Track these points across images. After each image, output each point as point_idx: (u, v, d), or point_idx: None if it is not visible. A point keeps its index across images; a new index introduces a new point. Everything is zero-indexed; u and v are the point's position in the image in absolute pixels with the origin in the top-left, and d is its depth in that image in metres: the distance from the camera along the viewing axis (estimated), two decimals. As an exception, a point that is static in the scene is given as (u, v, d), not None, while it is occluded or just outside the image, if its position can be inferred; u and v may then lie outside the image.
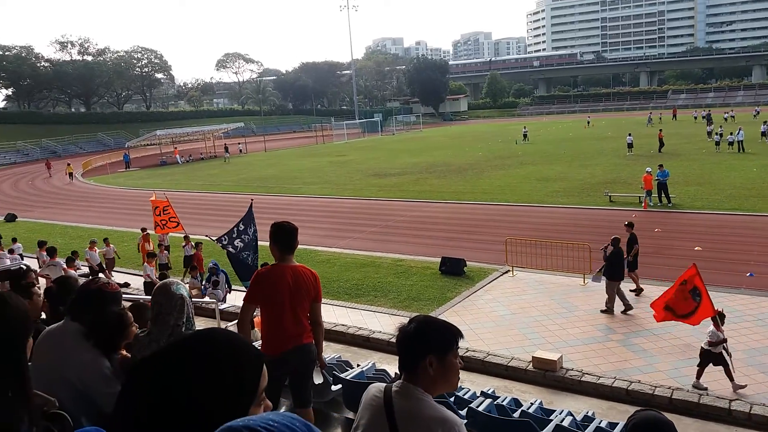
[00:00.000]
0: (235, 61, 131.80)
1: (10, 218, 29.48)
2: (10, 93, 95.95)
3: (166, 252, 17.71)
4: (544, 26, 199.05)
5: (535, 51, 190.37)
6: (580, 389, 8.36)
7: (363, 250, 19.23)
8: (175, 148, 62.51)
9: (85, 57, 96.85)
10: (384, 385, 2.49)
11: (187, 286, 3.54)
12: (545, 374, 8.60)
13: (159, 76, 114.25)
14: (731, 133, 39.30)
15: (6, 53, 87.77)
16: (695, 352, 10.81)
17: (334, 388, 6.11)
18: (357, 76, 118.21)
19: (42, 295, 4.29)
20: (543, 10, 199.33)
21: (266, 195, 32.84)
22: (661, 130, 43.58)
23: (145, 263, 15.74)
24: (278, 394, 4.87)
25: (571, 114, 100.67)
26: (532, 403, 6.81)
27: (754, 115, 61.72)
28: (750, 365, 10.16)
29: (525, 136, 54.88)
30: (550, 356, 8.78)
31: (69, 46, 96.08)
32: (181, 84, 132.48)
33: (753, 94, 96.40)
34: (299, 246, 5.05)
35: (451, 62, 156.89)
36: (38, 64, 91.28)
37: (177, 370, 1.22)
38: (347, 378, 6.23)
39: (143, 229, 19.09)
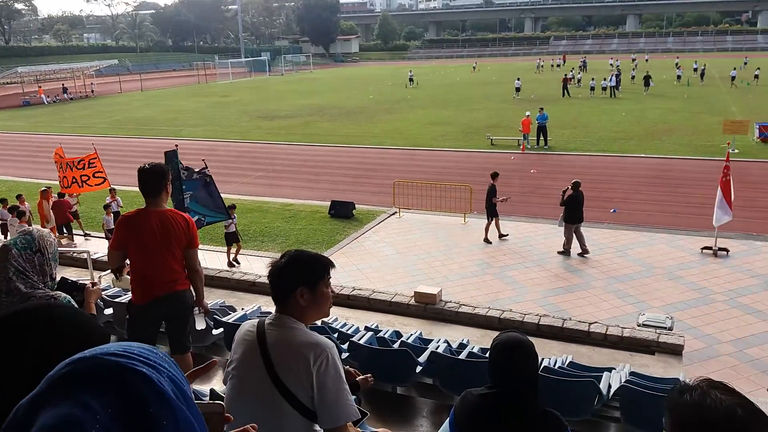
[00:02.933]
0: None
1: None
2: None
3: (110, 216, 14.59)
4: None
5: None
6: (458, 320, 8.86)
7: (250, 195, 18.85)
8: (40, 87, 56.96)
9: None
10: (257, 319, 2.49)
11: (50, 234, 2.98)
12: (426, 308, 9.01)
13: (19, 6, 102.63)
14: (604, 79, 41.82)
15: None
16: (563, 282, 11.79)
17: (215, 332, 6.05)
18: (243, 12, 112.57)
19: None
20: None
21: (142, 138, 31.01)
22: (566, 75, 45.31)
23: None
24: (152, 342, 4.75)
25: (460, 58, 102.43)
26: (412, 334, 7.13)
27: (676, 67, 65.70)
28: (608, 292, 11.23)
29: (411, 80, 55.00)
30: (430, 290, 9.19)
31: None
32: (46, 16, 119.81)
33: (626, 42, 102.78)
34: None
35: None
36: None
37: None
38: (229, 321, 6.19)
39: (46, 189, 15.20)
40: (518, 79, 43.41)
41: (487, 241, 14.04)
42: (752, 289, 11.19)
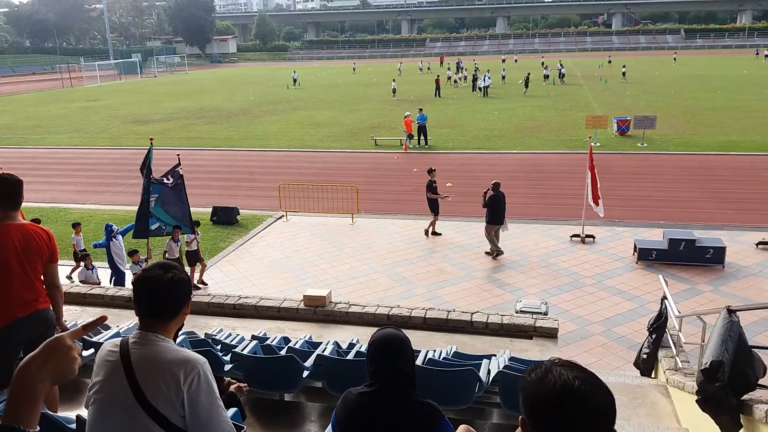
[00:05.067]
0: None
1: None
2: None
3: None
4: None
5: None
6: (348, 320, 8.88)
7: (125, 205, 17.76)
8: None
9: None
10: (119, 338, 2.33)
11: None
12: (315, 311, 8.94)
13: None
14: (482, 79, 43.58)
15: None
16: (447, 276, 12.18)
17: (85, 353, 5.62)
18: (110, 11, 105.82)
19: None
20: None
21: (1, 148, 28.34)
22: (438, 76, 46.62)
23: None
24: (11, 367, 4.32)
25: (340, 60, 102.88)
26: (300, 339, 7.05)
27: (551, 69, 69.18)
28: (489, 282, 11.77)
29: (295, 81, 54.77)
30: (319, 293, 9.13)
31: None
32: None
33: (497, 43, 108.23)
34: (49, 205, 4.48)
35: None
36: None
37: None
38: (101, 341, 5.78)
39: None
40: (394, 81, 44.41)
41: (435, 233, 14.46)
42: (616, 271, 12.20)
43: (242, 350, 5.51)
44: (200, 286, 11.93)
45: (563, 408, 1.39)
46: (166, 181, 10.90)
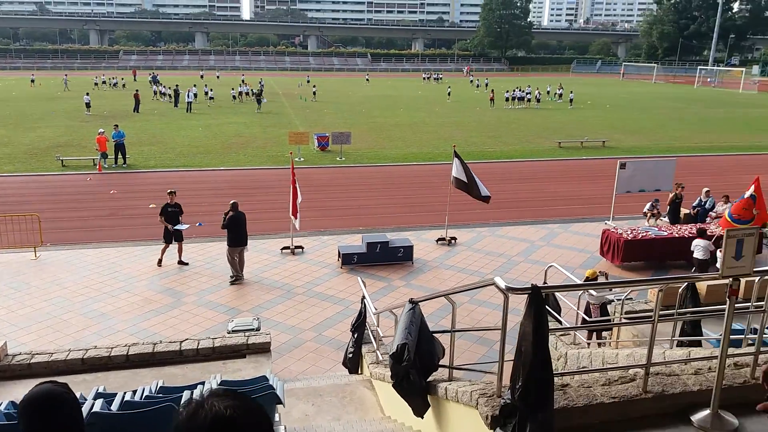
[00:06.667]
0: None
1: None
2: None
3: None
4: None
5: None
6: (32, 372, 7.62)
7: None
8: None
9: None
10: None
11: None
12: (-13, 369, 7.48)
13: None
14: (186, 94, 41.64)
15: None
16: (154, 305, 11.36)
17: None
18: None
19: None
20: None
21: None
22: (138, 91, 42.98)
23: None
24: None
25: (15, 70, 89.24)
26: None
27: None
28: (200, 305, 11.33)
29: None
30: (-8, 347, 7.66)
31: None
32: None
33: (197, 59, 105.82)
34: None
35: None
36: None
37: None
38: None
39: None
40: (87, 94, 40.27)
41: (181, 263, 13.31)
42: (324, 278, 12.84)
43: None
44: None
45: None
46: None
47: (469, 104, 49.88)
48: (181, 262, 13.34)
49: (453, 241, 15.18)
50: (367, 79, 76.54)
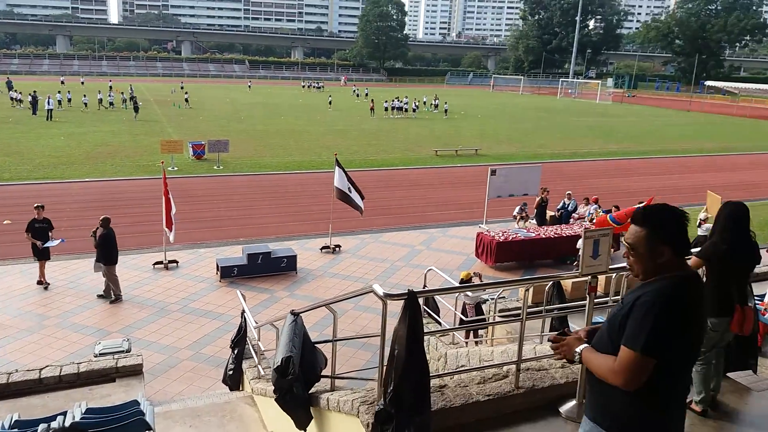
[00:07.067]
0: None
1: None
2: None
3: None
4: None
5: None
6: None
7: None
8: None
9: None
10: None
11: None
12: None
13: None
14: (46, 101, 38.30)
15: None
16: (8, 330, 10.30)
17: None
18: None
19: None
20: None
21: None
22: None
23: None
24: None
25: None
26: None
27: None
28: (63, 328, 10.43)
29: None
30: None
31: None
32: None
33: (59, 64, 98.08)
34: None
35: None
36: None
37: None
38: None
39: None
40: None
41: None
42: (201, 293, 12.31)
43: None
44: None
45: None
46: None
47: (350, 113, 50.38)
48: (41, 282, 12.25)
49: (337, 248, 15.17)
50: (249, 86, 75.05)
